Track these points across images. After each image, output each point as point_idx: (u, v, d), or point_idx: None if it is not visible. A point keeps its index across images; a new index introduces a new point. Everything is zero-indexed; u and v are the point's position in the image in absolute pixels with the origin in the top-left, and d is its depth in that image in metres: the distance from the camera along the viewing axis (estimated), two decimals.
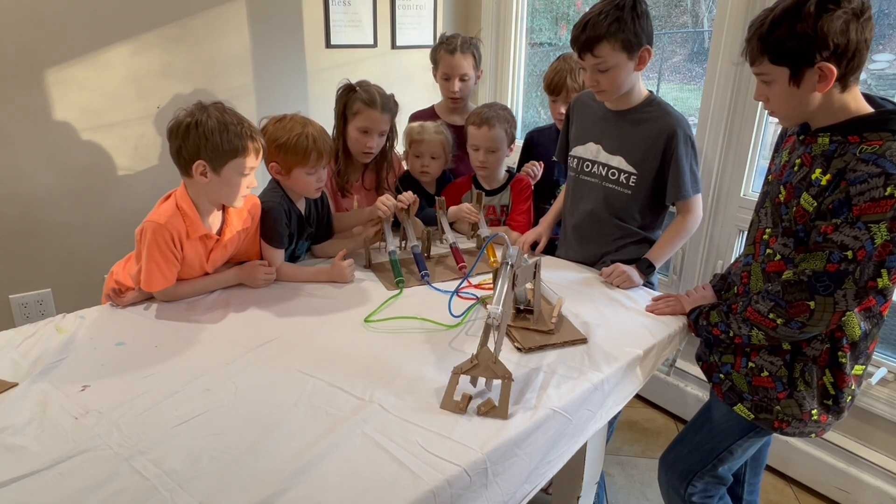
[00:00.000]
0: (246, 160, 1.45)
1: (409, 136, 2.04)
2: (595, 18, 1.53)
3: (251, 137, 1.44)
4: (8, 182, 2.07)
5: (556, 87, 2.00)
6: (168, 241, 1.43)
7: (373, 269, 1.73)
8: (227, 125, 1.41)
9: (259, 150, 1.47)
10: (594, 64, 1.57)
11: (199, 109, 1.42)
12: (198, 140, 1.40)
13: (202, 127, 1.39)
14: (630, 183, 1.70)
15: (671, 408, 2.44)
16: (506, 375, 1.09)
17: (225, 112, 1.44)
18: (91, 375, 1.20)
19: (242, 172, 1.46)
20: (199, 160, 1.41)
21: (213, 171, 1.43)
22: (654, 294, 1.64)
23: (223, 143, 1.40)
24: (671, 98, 2.91)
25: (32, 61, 2.03)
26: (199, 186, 1.46)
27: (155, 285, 1.45)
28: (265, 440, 1.02)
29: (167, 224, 1.42)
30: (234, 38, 2.40)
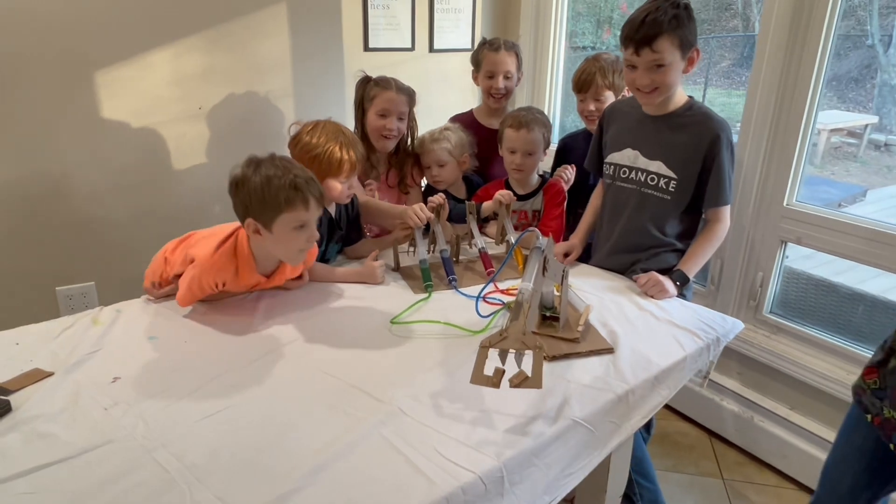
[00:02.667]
0: (295, 214, 1.35)
1: (419, 147, 2.07)
2: (655, 14, 1.51)
3: (297, 188, 1.34)
4: (56, 178, 2.16)
5: (583, 83, 1.98)
6: (210, 283, 1.42)
7: (401, 272, 1.74)
8: (272, 179, 1.33)
9: (309, 200, 1.37)
10: (652, 59, 1.53)
11: (248, 165, 1.38)
12: (245, 198, 1.35)
13: (248, 184, 1.35)
14: (670, 188, 1.66)
15: (706, 422, 2.36)
16: (537, 345, 1.06)
17: (273, 164, 1.36)
18: (122, 368, 1.23)
19: (295, 227, 1.37)
20: (249, 218, 1.37)
21: (265, 229, 1.37)
22: (687, 304, 1.59)
23: (268, 198, 1.33)
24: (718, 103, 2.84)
25: (82, 63, 2.10)
26: (256, 241, 1.42)
27: (185, 302, 1.46)
28: (283, 438, 1.03)
29: (215, 276, 1.41)
30: (274, 41, 2.45)
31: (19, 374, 1.20)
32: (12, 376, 1.19)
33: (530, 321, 1.12)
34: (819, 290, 2.16)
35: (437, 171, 2.05)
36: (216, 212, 2.45)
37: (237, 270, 1.44)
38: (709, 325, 1.46)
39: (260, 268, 1.48)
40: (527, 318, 1.12)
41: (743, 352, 2.21)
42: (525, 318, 1.12)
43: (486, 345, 1.08)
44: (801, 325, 2.12)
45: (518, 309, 1.13)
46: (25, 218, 2.14)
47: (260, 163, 1.37)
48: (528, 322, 1.11)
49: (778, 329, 2.17)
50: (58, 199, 2.18)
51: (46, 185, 2.14)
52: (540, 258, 1.21)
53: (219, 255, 1.41)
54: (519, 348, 1.07)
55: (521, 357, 1.07)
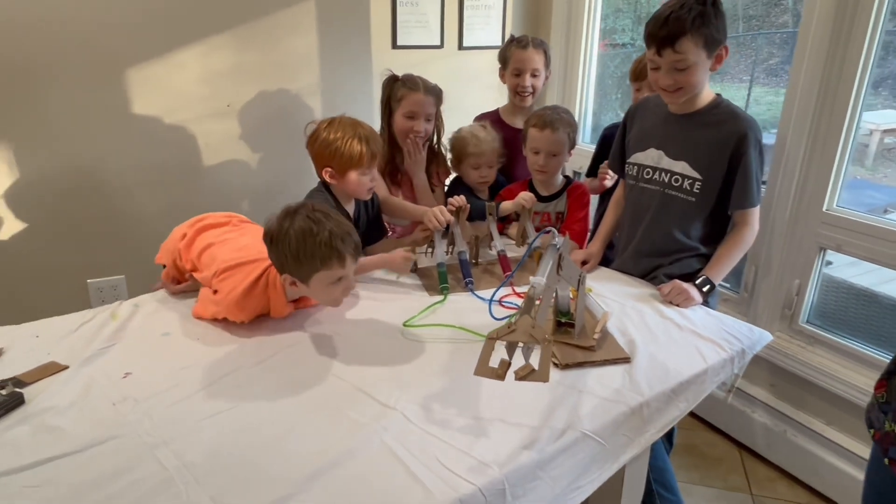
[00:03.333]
0: (331, 271, 1.31)
1: (462, 149, 1.99)
2: (678, 12, 1.45)
3: (331, 245, 1.29)
4: (88, 174, 2.21)
5: (640, 73, 1.93)
6: (232, 313, 1.39)
7: (418, 273, 1.71)
8: (307, 236, 1.28)
9: (345, 258, 1.31)
10: (675, 60, 1.48)
11: (284, 217, 1.31)
12: (280, 256, 1.31)
13: (282, 243, 1.29)
14: (694, 189, 1.60)
15: (736, 434, 2.27)
16: (545, 338, 1.02)
17: (308, 218, 1.30)
18: (134, 363, 1.25)
19: (332, 282, 1.33)
20: (286, 274, 1.33)
21: (301, 283, 1.33)
22: (712, 312, 1.52)
23: (302, 256, 1.28)
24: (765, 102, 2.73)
25: (113, 62, 2.15)
26: (293, 289, 1.38)
27: (204, 317, 1.44)
28: (283, 441, 1.02)
29: (240, 311, 1.38)
30: (303, 39, 2.46)
31: (35, 367, 1.22)
32: (29, 368, 1.22)
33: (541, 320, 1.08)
34: (860, 301, 2.05)
35: (486, 171, 2.00)
36: (244, 208, 2.48)
37: (266, 302, 1.40)
38: (734, 336, 1.39)
39: (289, 295, 1.43)
40: (537, 313, 1.08)
41: (776, 362, 2.11)
42: (536, 311, 1.08)
43: (493, 336, 1.04)
44: (840, 336, 2.02)
45: (529, 302, 1.09)
46: (59, 212, 2.20)
47: (295, 214, 1.31)
48: (538, 316, 1.07)
49: (814, 340, 2.07)
50: (90, 194, 2.24)
51: (79, 180, 2.20)
52: (554, 255, 1.17)
53: (252, 294, 1.37)
54: (527, 341, 1.03)
55: (529, 351, 1.04)
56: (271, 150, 2.51)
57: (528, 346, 1.03)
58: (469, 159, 1.98)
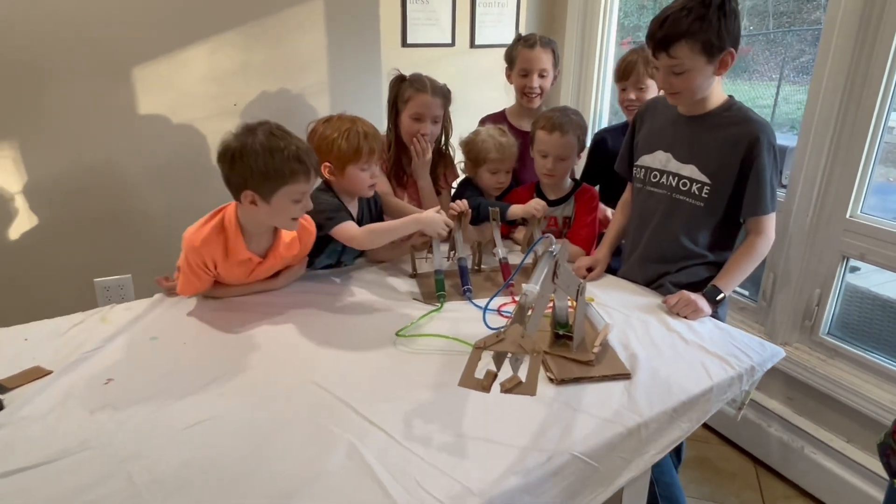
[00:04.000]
0: (297, 186, 1.34)
1: (483, 152, 1.90)
2: (676, 14, 1.38)
3: (299, 160, 1.33)
4: (95, 173, 2.21)
5: (625, 71, 1.88)
6: (199, 263, 1.40)
7: (417, 279, 1.67)
8: (273, 150, 1.30)
9: (310, 172, 1.36)
10: (669, 65, 1.42)
11: (246, 133, 1.33)
12: (244, 169, 1.31)
13: (247, 154, 1.30)
14: (703, 194, 1.52)
15: (750, 448, 2.18)
16: (535, 349, 0.96)
17: (272, 134, 1.32)
18: (118, 369, 1.22)
19: (295, 199, 1.36)
20: (247, 190, 1.33)
21: (262, 200, 1.34)
22: (721, 325, 1.45)
23: (270, 170, 1.30)
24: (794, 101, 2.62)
25: (119, 60, 2.14)
26: (250, 212, 1.40)
27: (187, 292, 1.46)
28: (258, 456, 0.99)
29: (201, 248, 1.38)
30: (310, 37, 2.42)
31: (19, 372, 1.20)
32: (13, 373, 1.20)
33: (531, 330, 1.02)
34: (886, 312, 1.95)
35: (503, 177, 1.93)
36: None
37: (226, 247, 1.40)
38: (743, 352, 1.32)
39: (250, 244, 1.43)
40: (528, 322, 1.02)
41: (795, 375, 2.02)
42: (527, 320, 1.03)
43: (480, 346, 0.99)
44: (863, 349, 1.92)
45: (520, 311, 1.04)
46: (66, 211, 2.20)
47: (256, 131, 1.32)
48: (528, 325, 1.02)
49: (835, 353, 1.97)
50: (96, 193, 2.23)
51: (86, 179, 2.20)
52: (550, 262, 1.11)
53: (205, 229, 1.39)
54: (515, 352, 0.98)
55: (518, 362, 0.98)
56: None
57: (517, 356, 0.98)
58: (489, 164, 1.91)
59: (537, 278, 1.07)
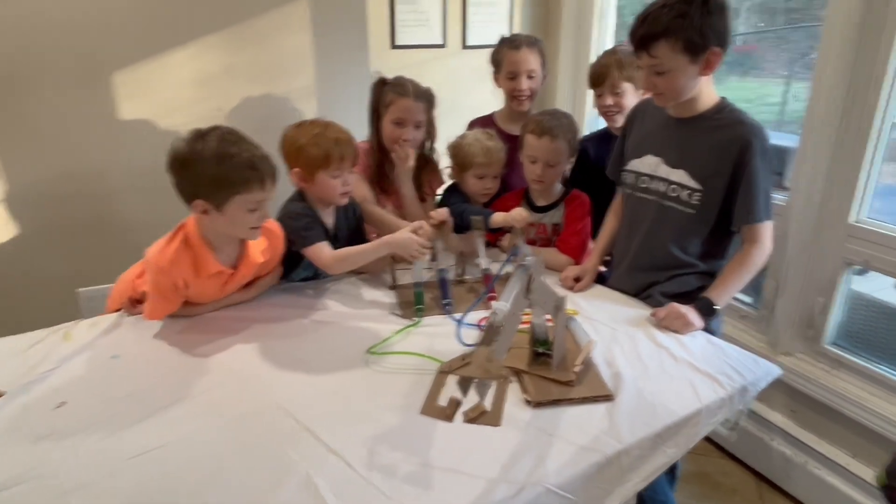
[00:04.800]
0: (250, 194, 1.27)
1: (469, 157, 1.83)
2: (657, 12, 1.31)
3: (252, 167, 1.26)
4: (77, 180, 2.16)
5: (598, 77, 1.80)
6: (169, 285, 1.33)
7: (396, 291, 1.60)
8: (224, 157, 1.23)
9: (264, 180, 1.29)
10: (650, 65, 1.34)
11: (196, 139, 1.26)
12: (193, 177, 1.25)
13: (197, 161, 1.24)
14: (693, 201, 1.45)
15: (752, 462, 2.10)
16: (501, 375, 0.90)
17: (224, 140, 1.26)
18: (72, 391, 1.16)
19: (249, 208, 1.29)
20: (198, 199, 1.27)
21: (215, 209, 1.28)
22: (714, 341, 1.37)
23: (220, 178, 1.23)
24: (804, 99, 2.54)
25: (99, 63, 2.09)
26: (206, 222, 1.34)
27: (155, 316, 1.39)
28: (208, 487, 0.93)
29: (170, 270, 1.31)
30: (296, 40, 2.36)
31: None
32: None
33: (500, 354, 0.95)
34: (892, 321, 1.86)
35: (490, 183, 1.86)
36: None
37: (195, 263, 1.33)
38: (736, 370, 1.24)
39: (220, 256, 1.37)
40: (497, 343, 0.95)
41: (797, 387, 1.93)
42: (500, 347, 0.96)
43: (444, 370, 0.93)
44: (868, 360, 1.83)
45: (490, 331, 0.97)
46: (48, 219, 2.15)
47: (207, 137, 1.26)
48: (497, 347, 0.95)
49: (839, 363, 1.88)
50: (79, 200, 2.19)
51: (67, 186, 2.15)
52: (523, 277, 1.04)
53: (170, 248, 1.32)
54: (481, 377, 0.91)
55: (485, 387, 0.92)
56: None
57: (484, 382, 0.91)
58: (475, 169, 1.83)
59: (507, 295, 1.00)
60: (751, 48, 2.51)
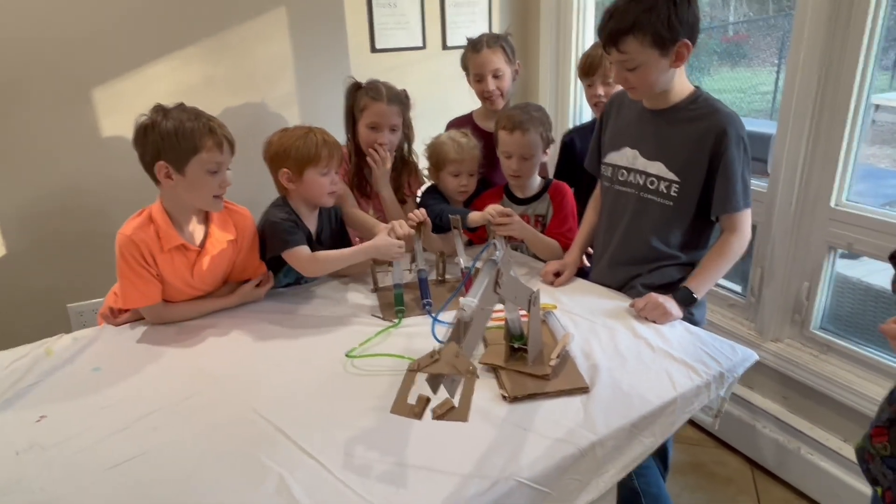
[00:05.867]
0: (209, 154, 1.36)
1: (442, 155, 1.85)
2: (624, 6, 1.31)
3: (210, 131, 1.36)
4: (62, 195, 2.17)
5: (589, 67, 1.81)
6: (136, 255, 1.39)
7: (378, 294, 1.60)
8: (185, 120, 1.34)
9: (222, 143, 1.38)
10: (620, 60, 1.34)
11: (157, 111, 1.37)
12: (156, 142, 1.34)
13: (158, 127, 1.34)
14: (672, 193, 1.45)
15: (746, 451, 2.09)
16: (469, 370, 0.90)
17: (184, 110, 1.37)
18: (52, 404, 1.17)
19: (209, 169, 1.38)
20: (160, 161, 1.35)
21: (177, 172, 1.36)
22: (692, 329, 1.37)
23: (180, 140, 1.33)
24: None
25: (79, 78, 2.09)
26: (171, 193, 1.41)
27: (132, 301, 1.42)
28: (184, 495, 0.93)
29: (133, 236, 1.38)
30: (275, 48, 2.37)
31: None
32: None
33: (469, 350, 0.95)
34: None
35: (466, 180, 1.87)
36: None
37: (157, 235, 1.40)
38: (712, 357, 1.24)
39: (182, 233, 1.44)
40: (466, 339, 0.96)
41: (787, 373, 1.93)
42: (468, 344, 0.96)
43: (413, 368, 0.93)
44: (856, 343, 1.83)
45: (459, 327, 0.97)
46: (36, 236, 2.16)
47: (168, 109, 1.37)
48: (467, 343, 0.95)
49: (828, 348, 1.88)
50: (66, 216, 2.19)
51: (54, 203, 2.16)
52: (491, 272, 1.04)
53: (134, 222, 1.41)
54: (449, 373, 0.91)
55: (454, 383, 0.92)
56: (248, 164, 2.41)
57: (453, 378, 0.92)
58: (449, 166, 1.85)
59: (476, 290, 1.00)
60: (742, 38, 2.51)
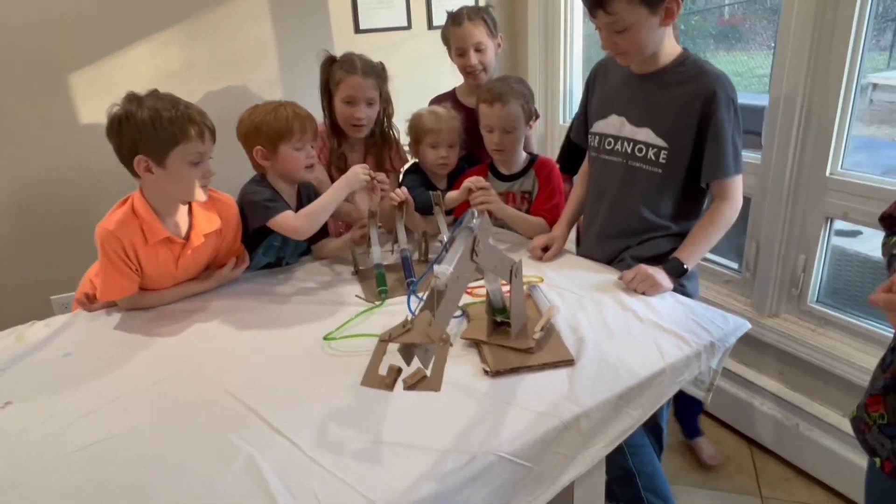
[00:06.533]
0: (190, 145, 1.30)
1: (420, 126, 1.81)
2: None
3: (191, 120, 1.29)
4: (41, 185, 2.12)
5: None
6: (118, 250, 1.33)
7: (360, 276, 1.55)
8: (162, 110, 1.27)
9: (203, 132, 1.32)
10: (608, 23, 1.29)
11: (130, 100, 1.29)
12: (132, 134, 1.27)
13: (133, 119, 1.26)
14: (660, 160, 1.40)
15: (744, 429, 2.05)
16: (443, 338, 0.86)
17: (159, 98, 1.30)
18: (19, 391, 1.13)
19: (191, 160, 1.31)
20: (139, 155, 1.28)
21: (157, 165, 1.30)
22: (682, 300, 1.33)
23: (159, 131, 1.26)
24: None
25: (55, 64, 2.05)
26: (152, 186, 1.34)
27: (110, 295, 1.37)
28: (150, 477, 0.89)
29: (116, 231, 1.32)
30: (256, 30, 2.32)
31: None
32: None
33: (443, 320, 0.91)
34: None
35: (446, 152, 1.81)
36: None
37: (142, 229, 1.35)
38: (703, 327, 1.20)
39: (167, 225, 1.38)
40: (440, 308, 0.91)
41: (785, 348, 1.89)
42: (442, 313, 0.92)
43: (384, 338, 0.89)
44: (854, 316, 1.79)
45: (433, 297, 0.93)
46: (16, 227, 2.12)
47: (142, 97, 1.29)
48: (440, 312, 0.91)
49: (825, 321, 1.84)
50: (46, 206, 2.15)
51: (33, 192, 2.12)
52: (468, 240, 0.99)
53: (116, 214, 1.34)
54: (422, 341, 0.87)
55: (428, 353, 0.88)
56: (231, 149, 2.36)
57: (426, 347, 0.87)
58: (427, 137, 1.80)
59: (451, 258, 0.95)
60: (738, 20, 2.45)
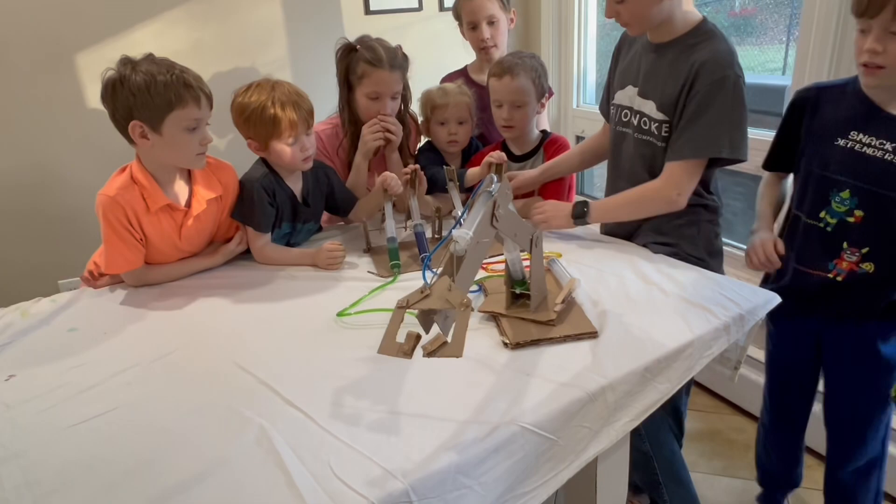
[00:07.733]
0: (186, 111, 1.25)
1: (429, 103, 1.76)
2: None
3: (186, 85, 1.24)
4: (46, 169, 2.10)
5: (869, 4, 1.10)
6: (121, 217, 1.30)
7: (372, 253, 1.51)
8: (157, 74, 1.22)
9: (200, 98, 1.27)
10: None
11: (124, 64, 1.24)
12: (126, 98, 1.23)
13: (128, 83, 1.22)
14: (663, 133, 1.34)
15: None
16: (463, 303, 0.82)
17: (154, 62, 1.25)
18: (23, 364, 1.10)
19: (187, 126, 1.27)
20: (133, 121, 1.25)
21: (152, 131, 1.26)
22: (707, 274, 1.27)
23: (154, 96, 1.22)
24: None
25: (61, 46, 2.02)
26: (149, 153, 1.31)
27: (115, 267, 1.33)
28: (155, 450, 0.85)
29: (117, 197, 1.29)
30: (265, 10, 2.28)
31: None
32: None
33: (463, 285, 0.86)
34: None
35: (455, 128, 1.75)
36: None
37: (143, 196, 1.32)
38: (731, 300, 1.14)
39: (166, 192, 1.35)
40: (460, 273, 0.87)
41: None
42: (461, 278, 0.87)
43: (402, 305, 0.84)
44: None
45: (451, 262, 0.88)
46: (24, 210, 2.09)
47: (137, 61, 1.24)
48: (460, 277, 0.86)
49: None
50: (53, 189, 2.12)
51: (39, 176, 2.09)
52: (488, 204, 0.94)
53: (116, 182, 1.32)
54: (442, 307, 0.83)
55: (448, 320, 0.84)
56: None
57: (446, 313, 0.83)
58: (436, 113, 1.75)
59: (471, 223, 0.91)
60: (749, 12, 2.39)
